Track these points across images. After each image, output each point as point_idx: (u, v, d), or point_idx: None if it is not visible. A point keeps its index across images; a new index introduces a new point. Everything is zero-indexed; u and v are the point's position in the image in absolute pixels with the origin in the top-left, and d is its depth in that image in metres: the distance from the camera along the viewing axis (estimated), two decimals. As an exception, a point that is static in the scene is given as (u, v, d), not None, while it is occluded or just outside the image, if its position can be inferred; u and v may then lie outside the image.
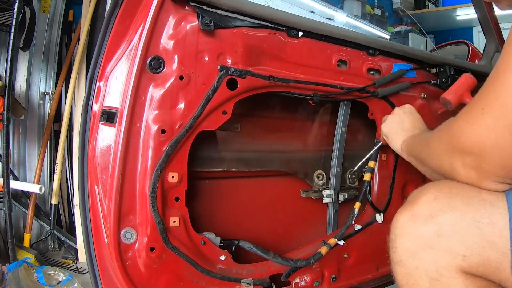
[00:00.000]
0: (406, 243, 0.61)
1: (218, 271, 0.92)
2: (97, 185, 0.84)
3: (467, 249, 0.56)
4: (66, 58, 2.18)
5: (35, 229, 2.08)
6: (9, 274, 1.52)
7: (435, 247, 0.58)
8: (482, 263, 0.55)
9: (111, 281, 0.83)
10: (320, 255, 1.01)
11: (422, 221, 0.60)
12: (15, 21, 1.61)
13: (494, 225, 0.55)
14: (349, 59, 1.10)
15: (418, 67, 1.25)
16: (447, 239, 0.57)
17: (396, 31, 4.74)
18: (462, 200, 0.58)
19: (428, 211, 0.60)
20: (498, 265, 0.54)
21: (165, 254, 0.86)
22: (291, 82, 0.98)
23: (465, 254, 0.56)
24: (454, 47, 2.09)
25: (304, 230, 1.19)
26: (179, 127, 0.86)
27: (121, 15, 0.85)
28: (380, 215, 1.14)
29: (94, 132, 0.86)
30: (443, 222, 0.58)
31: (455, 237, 0.57)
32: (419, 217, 0.61)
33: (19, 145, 2.11)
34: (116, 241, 0.82)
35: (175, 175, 0.86)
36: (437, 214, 0.59)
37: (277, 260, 0.99)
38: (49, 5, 2.19)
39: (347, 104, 1.14)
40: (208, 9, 0.89)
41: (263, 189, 1.13)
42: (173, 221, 0.86)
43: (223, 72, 0.89)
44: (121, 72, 0.85)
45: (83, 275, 1.83)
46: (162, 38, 0.85)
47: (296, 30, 1.01)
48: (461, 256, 0.56)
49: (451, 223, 0.57)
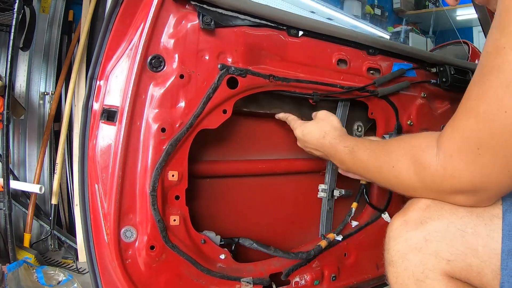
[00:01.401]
0: (398, 245, 0.65)
1: (218, 270, 0.92)
2: (97, 183, 0.84)
3: (452, 255, 0.60)
4: (66, 58, 2.19)
5: (35, 229, 2.08)
6: (9, 274, 1.52)
7: (423, 250, 0.62)
8: (465, 268, 0.59)
9: (111, 279, 0.83)
10: (320, 248, 1.02)
11: (413, 226, 0.64)
12: (15, 21, 1.62)
13: (477, 235, 0.59)
14: (349, 59, 1.10)
15: (418, 67, 1.25)
16: (433, 244, 0.61)
17: (396, 31, 4.75)
18: (451, 210, 0.62)
19: (419, 218, 0.64)
20: (479, 271, 0.58)
21: (165, 252, 0.86)
22: (291, 81, 0.98)
23: (449, 259, 0.60)
24: (454, 47, 2.10)
25: (304, 229, 1.19)
26: (180, 125, 0.86)
27: (122, 14, 0.85)
28: (385, 214, 1.15)
29: (95, 130, 0.86)
30: (431, 229, 0.62)
31: (441, 243, 0.61)
32: (410, 222, 0.65)
33: (19, 145, 2.12)
34: (116, 239, 0.82)
35: (176, 174, 0.86)
36: (426, 221, 0.63)
37: (278, 254, 0.99)
38: (49, 5, 2.19)
39: (345, 104, 1.14)
40: (209, 8, 0.89)
41: (263, 188, 1.13)
42: (173, 220, 0.86)
43: (223, 71, 0.89)
44: (121, 71, 0.85)
45: (83, 275, 1.83)
46: (163, 37, 0.85)
47: (296, 29, 1.01)
48: (446, 260, 0.60)
49: (438, 230, 0.62)
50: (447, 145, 0.58)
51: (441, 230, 0.61)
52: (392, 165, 0.69)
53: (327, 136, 0.92)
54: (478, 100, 0.54)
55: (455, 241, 0.60)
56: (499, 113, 0.51)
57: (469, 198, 0.60)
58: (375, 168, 0.75)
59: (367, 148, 0.79)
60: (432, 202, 0.65)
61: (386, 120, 1.19)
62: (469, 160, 0.55)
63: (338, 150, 0.88)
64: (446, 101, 1.37)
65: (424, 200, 0.65)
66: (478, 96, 0.54)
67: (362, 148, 0.80)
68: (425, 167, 0.62)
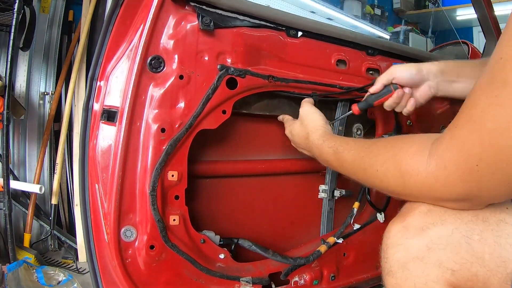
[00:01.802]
0: (397, 253, 0.61)
1: (217, 269, 0.92)
2: (97, 183, 0.85)
3: (456, 264, 0.55)
4: (66, 58, 2.19)
5: (35, 229, 2.08)
6: (9, 274, 1.52)
7: (425, 260, 0.58)
8: (470, 278, 0.55)
9: (111, 279, 0.84)
10: (319, 253, 1.01)
11: (413, 233, 0.60)
12: (15, 21, 1.61)
13: (484, 242, 0.55)
14: (348, 59, 1.11)
15: (417, 67, 1.25)
16: (437, 253, 0.57)
17: (396, 31, 4.75)
18: (455, 215, 0.57)
19: (420, 223, 0.60)
20: (485, 280, 0.54)
21: (164, 252, 0.86)
22: (290, 82, 0.98)
23: (454, 269, 0.56)
24: (454, 47, 2.10)
25: (304, 229, 1.19)
26: (179, 126, 0.86)
27: (122, 15, 0.86)
28: (381, 214, 1.15)
29: (95, 131, 0.87)
30: (434, 236, 0.58)
31: (445, 251, 0.56)
32: (410, 228, 0.60)
33: (19, 145, 2.12)
34: (116, 239, 0.82)
35: (175, 174, 0.86)
36: (428, 227, 0.58)
37: (276, 258, 0.99)
38: (49, 5, 2.19)
39: (344, 104, 1.14)
40: (208, 9, 0.89)
41: (263, 188, 1.13)
42: (173, 220, 0.87)
43: (222, 71, 0.89)
44: (121, 72, 0.86)
45: (83, 275, 1.83)
46: (162, 37, 0.86)
47: (295, 30, 1.02)
48: (450, 270, 0.56)
49: (441, 237, 0.57)
50: (442, 155, 0.54)
51: (444, 237, 0.57)
52: (376, 169, 0.65)
53: (310, 137, 0.89)
54: (485, 112, 0.49)
55: (460, 249, 0.55)
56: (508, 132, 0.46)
57: (461, 205, 0.57)
58: (360, 170, 0.71)
59: (352, 149, 0.75)
60: (433, 206, 0.60)
61: (385, 121, 1.19)
62: (465, 173, 0.51)
63: (322, 151, 0.84)
64: (445, 101, 1.37)
65: (425, 204, 0.61)
66: (485, 108, 0.49)
67: (347, 149, 0.76)
68: (412, 175, 0.57)
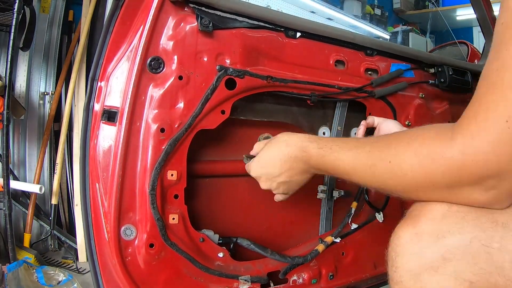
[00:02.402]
0: (408, 263, 0.55)
1: (216, 268, 0.93)
2: (98, 182, 0.86)
3: (475, 276, 0.51)
4: (66, 58, 2.19)
5: (35, 229, 2.08)
6: (9, 274, 1.53)
7: (440, 270, 0.53)
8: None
9: (111, 277, 0.84)
10: (317, 252, 1.02)
11: (427, 241, 0.55)
12: (15, 21, 1.62)
13: (504, 250, 0.51)
14: (346, 60, 1.11)
15: (416, 67, 1.26)
16: (453, 264, 0.52)
17: (396, 31, 4.76)
18: (474, 221, 0.53)
19: (435, 230, 0.55)
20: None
21: (164, 250, 0.87)
22: (289, 82, 0.99)
23: (472, 281, 0.51)
24: (454, 47, 2.10)
25: (303, 228, 1.19)
26: (178, 126, 0.87)
27: (122, 16, 0.86)
28: (380, 214, 1.16)
29: (95, 131, 0.87)
30: (451, 245, 0.53)
31: (462, 262, 0.52)
32: (424, 236, 0.55)
33: (19, 145, 2.12)
34: (116, 237, 0.83)
35: (174, 173, 0.87)
36: (444, 235, 0.54)
37: (274, 257, 1.00)
38: (49, 5, 2.20)
39: (343, 105, 1.14)
40: (207, 10, 0.90)
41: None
42: (172, 218, 0.88)
43: (221, 72, 0.90)
44: (121, 72, 0.86)
45: (83, 275, 1.83)
46: (162, 39, 0.86)
47: (294, 31, 1.02)
48: (468, 282, 0.52)
49: (459, 247, 0.52)
50: (467, 127, 0.50)
51: (462, 246, 0.52)
52: (389, 160, 0.58)
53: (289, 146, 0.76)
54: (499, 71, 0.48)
55: (478, 259, 0.51)
56: None
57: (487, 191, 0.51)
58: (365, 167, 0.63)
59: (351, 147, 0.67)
60: (448, 211, 0.55)
61: (384, 121, 1.20)
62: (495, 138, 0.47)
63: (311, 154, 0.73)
64: (444, 101, 1.38)
65: (438, 207, 0.56)
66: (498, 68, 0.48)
67: (345, 148, 0.68)
68: (435, 158, 0.52)
